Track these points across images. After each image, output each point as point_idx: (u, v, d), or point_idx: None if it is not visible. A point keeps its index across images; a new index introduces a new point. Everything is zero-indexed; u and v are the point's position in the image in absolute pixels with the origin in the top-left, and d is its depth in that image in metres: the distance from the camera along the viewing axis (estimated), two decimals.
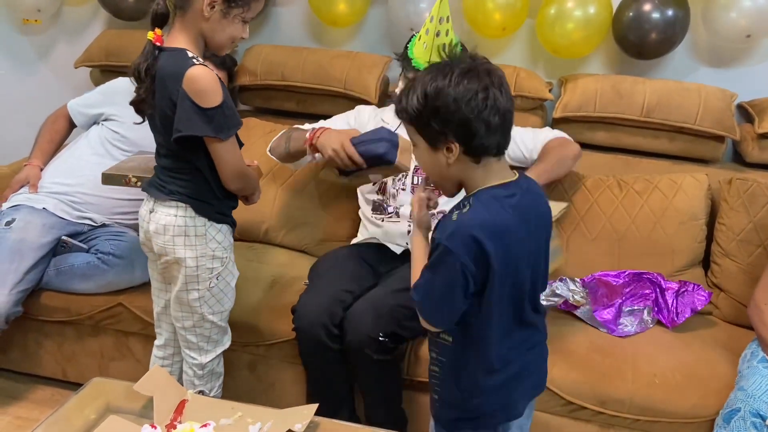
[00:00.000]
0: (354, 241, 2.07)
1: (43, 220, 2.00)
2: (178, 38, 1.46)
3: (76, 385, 2.05)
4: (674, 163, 2.23)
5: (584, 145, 2.30)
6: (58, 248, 2.02)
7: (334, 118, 2.10)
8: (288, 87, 2.40)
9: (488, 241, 1.14)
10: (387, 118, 2.00)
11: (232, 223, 1.62)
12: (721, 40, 2.21)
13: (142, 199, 2.11)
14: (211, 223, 1.54)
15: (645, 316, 1.88)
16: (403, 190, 1.96)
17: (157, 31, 1.45)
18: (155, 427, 1.32)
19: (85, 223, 2.07)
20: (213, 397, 1.69)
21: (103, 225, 2.09)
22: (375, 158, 1.69)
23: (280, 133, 2.07)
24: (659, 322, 1.89)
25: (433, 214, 1.87)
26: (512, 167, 1.27)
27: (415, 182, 1.95)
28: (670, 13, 2.13)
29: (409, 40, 1.93)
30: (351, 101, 2.35)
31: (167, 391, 1.43)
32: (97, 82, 2.61)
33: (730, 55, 2.29)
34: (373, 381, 1.77)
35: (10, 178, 2.17)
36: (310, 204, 2.24)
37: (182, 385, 1.67)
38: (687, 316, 1.85)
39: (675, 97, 2.15)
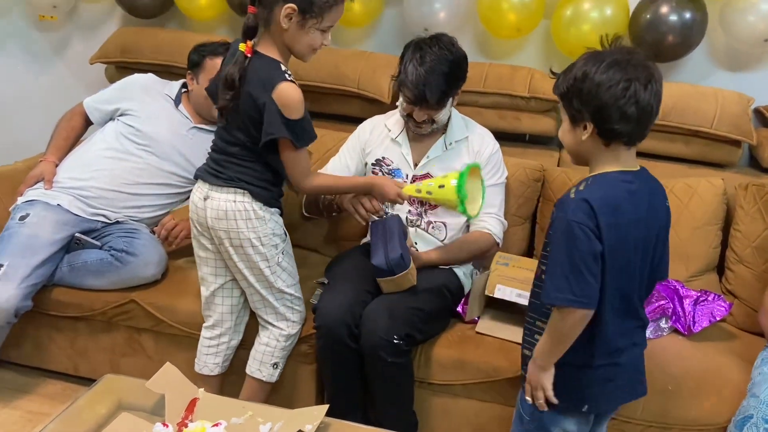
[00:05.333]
0: (364, 240, 2.08)
1: (57, 216, 2.01)
2: (268, 48, 1.59)
3: (87, 381, 2.07)
4: (690, 167, 2.21)
5: None
6: (71, 245, 2.03)
7: (341, 149, 2.08)
8: (302, 86, 2.38)
9: (601, 214, 1.23)
10: (390, 124, 2.00)
11: (281, 208, 1.74)
12: (739, 43, 2.19)
13: (155, 194, 2.15)
14: (266, 207, 1.67)
15: (662, 324, 1.87)
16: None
17: (249, 43, 1.56)
18: (167, 426, 1.33)
19: (98, 220, 2.08)
20: (267, 382, 1.81)
21: (117, 222, 2.10)
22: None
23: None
24: (675, 330, 1.88)
25: (426, 225, 1.92)
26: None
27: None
28: (687, 15, 2.12)
29: (401, 57, 1.85)
30: (364, 101, 2.35)
31: (179, 389, 1.43)
32: (111, 79, 2.62)
33: (747, 59, 2.27)
34: (386, 383, 1.76)
35: (26, 173, 2.18)
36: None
37: (245, 366, 1.84)
38: (704, 325, 1.84)
39: (691, 101, 2.13)
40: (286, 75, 1.55)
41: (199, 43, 2.21)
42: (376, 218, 1.82)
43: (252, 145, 1.61)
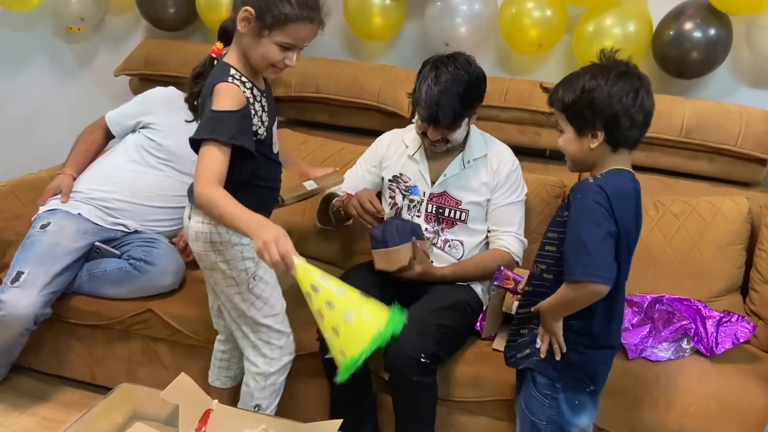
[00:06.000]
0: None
1: (78, 225, 2.03)
2: (230, 54, 1.51)
3: (104, 389, 2.08)
4: (713, 185, 2.18)
5: None
6: (91, 253, 2.05)
7: (358, 161, 2.10)
8: (322, 99, 2.42)
9: (614, 201, 1.32)
10: (407, 140, 1.99)
11: None
12: (765, 60, 2.15)
13: (175, 207, 2.16)
14: (230, 231, 1.51)
15: (684, 344, 1.83)
16: (418, 216, 1.94)
17: (219, 44, 1.53)
18: None
19: (118, 230, 2.10)
20: (267, 415, 1.61)
21: (136, 231, 2.12)
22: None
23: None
24: (697, 351, 1.84)
25: (443, 243, 1.92)
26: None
27: (429, 210, 1.93)
28: (712, 32, 2.09)
29: (412, 93, 1.85)
30: (383, 114, 2.35)
31: (193, 399, 1.43)
32: (135, 91, 2.66)
33: None
34: (409, 403, 1.71)
35: (49, 182, 2.21)
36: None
37: (239, 399, 1.71)
38: (727, 347, 1.79)
39: (715, 118, 2.10)
40: (229, 78, 1.44)
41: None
42: (376, 224, 1.83)
43: None
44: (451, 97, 1.73)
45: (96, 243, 2.05)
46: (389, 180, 1.99)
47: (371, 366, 1.82)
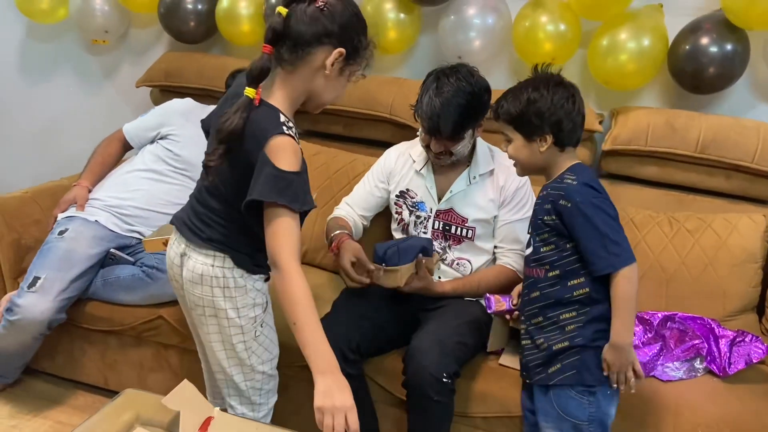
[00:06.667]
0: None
1: (94, 232, 2.07)
2: (275, 95, 1.36)
3: (115, 394, 2.10)
4: (730, 202, 2.14)
5: (634, 180, 2.24)
6: (106, 260, 2.09)
7: (366, 176, 2.09)
8: (335, 111, 2.44)
9: (600, 187, 1.49)
10: (414, 154, 1.98)
11: (268, 272, 1.50)
12: None
13: None
14: (248, 275, 1.45)
15: (696, 364, 1.79)
16: (425, 233, 1.93)
17: (259, 90, 1.34)
18: None
19: (133, 236, 2.14)
20: (269, 425, 1.55)
21: None
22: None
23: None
24: (709, 371, 1.80)
25: (451, 262, 1.92)
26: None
27: (436, 227, 1.91)
28: (729, 47, 2.06)
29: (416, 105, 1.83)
30: (396, 127, 2.36)
31: (194, 406, 1.43)
32: (156, 102, 2.71)
33: None
34: (425, 421, 1.67)
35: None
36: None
37: None
38: (740, 367, 1.75)
39: (732, 134, 2.07)
40: (284, 128, 1.32)
41: (236, 69, 2.27)
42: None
43: (239, 205, 1.33)
44: (453, 108, 1.72)
45: (111, 249, 2.09)
46: (396, 196, 1.98)
47: (379, 380, 1.82)
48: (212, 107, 2.30)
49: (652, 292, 1.97)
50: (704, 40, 2.08)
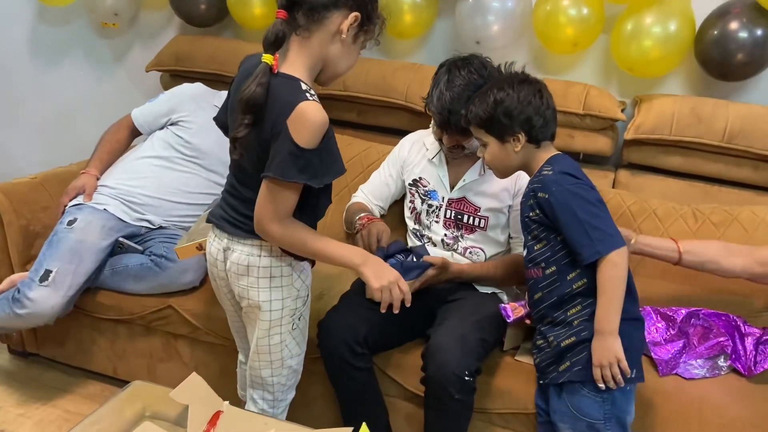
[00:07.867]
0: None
1: (103, 221, 2.03)
2: (293, 63, 1.33)
3: (124, 383, 2.08)
4: (757, 194, 2.07)
5: (657, 171, 2.18)
6: (115, 248, 2.06)
7: (382, 165, 2.05)
8: (349, 97, 2.38)
9: (578, 172, 1.48)
10: (428, 142, 1.94)
11: (312, 260, 1.50)
12: None
13: (200, 204, 2.15)
14: (297, 262, 1.45)
15: (720, 362, 1.73)
16: (437, 222, 1.89)
17: (276, 55, 1.31)
18: None
19: (142, 225, 2.10)
20: (278, 419, 1.57)
21: (160, 227, 2.12)
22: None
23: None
24: (734, 369, 1.74)
25: (464, 250, 1.87)
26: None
27: (448, 215, 1.87)
28: (759, 32, 1.98)
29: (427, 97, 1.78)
30: (411, 114, 2.31)
31: (203, 400, 1.40)
32: (166, 86, 2.67)
33: None
34: (445, 421, 1.64)
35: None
36: None
37: None
38: (766, 366, 1.69)
39: (761, 123, 1.99)
40: (307, 95, 1.28)
41: (249, 54, 2.21)
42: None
43: None
44: (464, 102, 1.64)
45: (119, 238, 2.05)
46: (409, 184, 1.94)
47: (392, 374, 1.78)
48: (223, 93, 2.29)
49: (676, 288, 1.91)
50: (733, 25, 2.00)
